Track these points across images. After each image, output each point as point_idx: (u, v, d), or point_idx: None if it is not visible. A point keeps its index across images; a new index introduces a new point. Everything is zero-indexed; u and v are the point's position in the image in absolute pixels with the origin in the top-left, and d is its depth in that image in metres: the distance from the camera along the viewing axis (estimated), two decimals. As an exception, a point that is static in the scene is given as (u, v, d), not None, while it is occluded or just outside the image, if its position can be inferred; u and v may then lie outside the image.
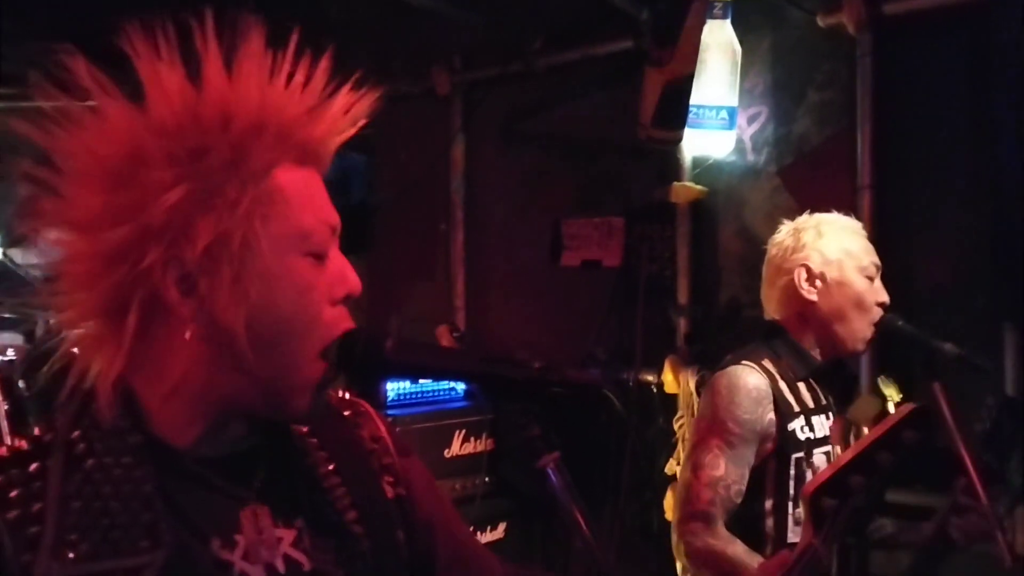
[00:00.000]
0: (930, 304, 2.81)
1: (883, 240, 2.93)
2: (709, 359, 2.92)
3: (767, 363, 2.02)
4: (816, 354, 2.06)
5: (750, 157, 3.31)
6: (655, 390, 3.32)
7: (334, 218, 0.97)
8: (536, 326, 3.91)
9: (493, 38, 3.87)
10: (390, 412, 3.23)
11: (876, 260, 2.07)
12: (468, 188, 4.16)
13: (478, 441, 3.44)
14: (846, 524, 1.32)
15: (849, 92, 3.02)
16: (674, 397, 3.22)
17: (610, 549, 2.72)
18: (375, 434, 1.09)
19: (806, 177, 3.18)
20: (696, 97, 3.05)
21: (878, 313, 2.03)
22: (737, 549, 1.88)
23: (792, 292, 2.04)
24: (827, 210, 2.18)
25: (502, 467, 3.47)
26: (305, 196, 0.93)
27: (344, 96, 0.97)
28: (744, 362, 2.02)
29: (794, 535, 1.95)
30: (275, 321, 0.89)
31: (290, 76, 0.95)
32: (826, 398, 2.08)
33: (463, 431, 3.40)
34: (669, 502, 2.87)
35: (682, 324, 3.39)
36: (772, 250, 2.13)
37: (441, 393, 3.49)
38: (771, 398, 1.96)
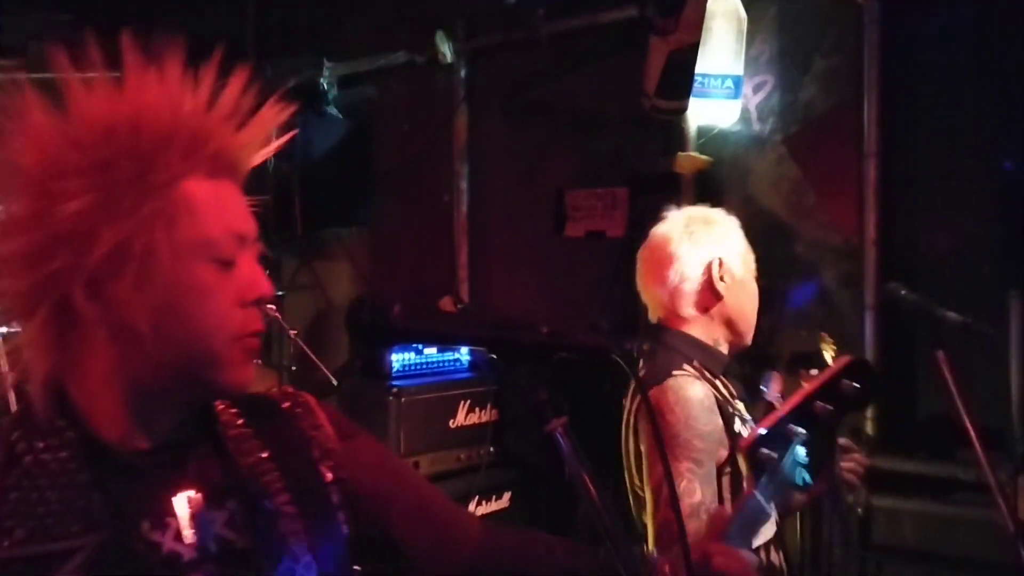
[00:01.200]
0: (935, 272, 2.81)
1: (888, 209, 2.94)
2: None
3: (688, 367, 1.89)
4: (724, 350, 1.99)
5: (755, 126, 3.29)
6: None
7: (245, 227, 1.00)
8: (540, 297, 3.91)
9: (496, 6, 3.84)
10: (395, 383, 3.24)
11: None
12: (471, 158, 4.15)
13: (483, 411, 3.46)
14: (786, 475, 1.32)
15: (856, 60, 3.00)
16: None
17: (617, 516, 2.73)
18: (314, 423, 1.12)
19: (812, 146, 3.17)
20: (701, 66, 3.02)
21: None
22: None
23: (701, 285, 1.94)
24: (833, 179, 2.16)
25: (507, 437, 3.48)
26: (213, 206, 0.96)
27: (263, 111, 1.02)
28: (675, 372, 1.87)
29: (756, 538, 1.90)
30: (180, 322, 0.94)
31: (212, 90, 0.99)
32: (736, 388, 2.02)
33: (467, 402, 3.41)
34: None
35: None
36: (656, 244, 2.03)
37: (446, 364, 3.50)
38: (715, 403, 1.86)
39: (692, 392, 1.83)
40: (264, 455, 1.04)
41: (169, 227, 0.92)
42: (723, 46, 3.11)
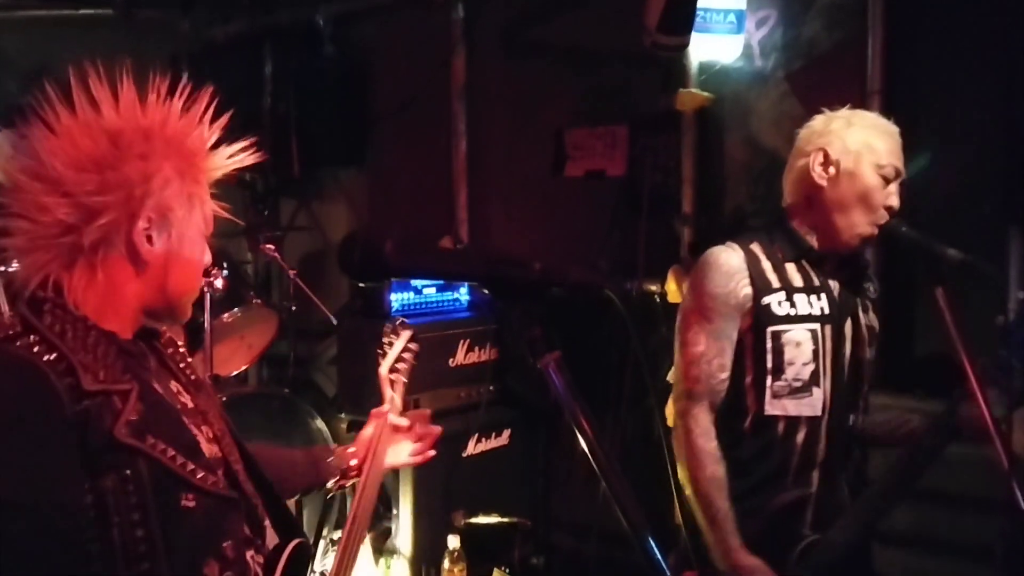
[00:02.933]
0: (937, 210, 2.79)
1: (891, 146, 2.91)
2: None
3: (755, 245, 2.07)
4: (813, 240, 2.06)
5: (758, 62, 3.25)
6: (658, 300, 3.33)
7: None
8: (539, 237, 3.90)
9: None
10: (394, 323, 3.25)
11: (899, 165, 2.04)
12: (469, 98, 4.09)
13: (482, 351, 3.48)
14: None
15: (860, -5, 2.94)
16: (677, 307, 3.22)
17: (611, 451, 2.76)
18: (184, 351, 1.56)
19: (815, 82, 3.12)
20: (703, 0, 2.97)
21: (883, 216, 2.01)
22: (717, 471, 1.97)
23: (805, 175, 2.04)
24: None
25: (507, 376, 3.51)
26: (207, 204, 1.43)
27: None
28: (728, 243, 2.08)
29: (772, 407, 2.00)
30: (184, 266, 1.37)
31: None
32: (824, 282, 2.07)
33: (467, 341, 3.43)
34: (671, 409, 2.90)
35: (686, 233, 3.37)
36: (801, 132, 2.12)
37: (445, 304, 3.51)
38: (745, 273, 2.01)
39: (716, 258, 2.04)
40: (182, 364, 1.47)
41: (200, 208, 1.36)
42: (726, -21, 3.05)
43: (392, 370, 1.94)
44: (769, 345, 2.00)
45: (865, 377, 2.12)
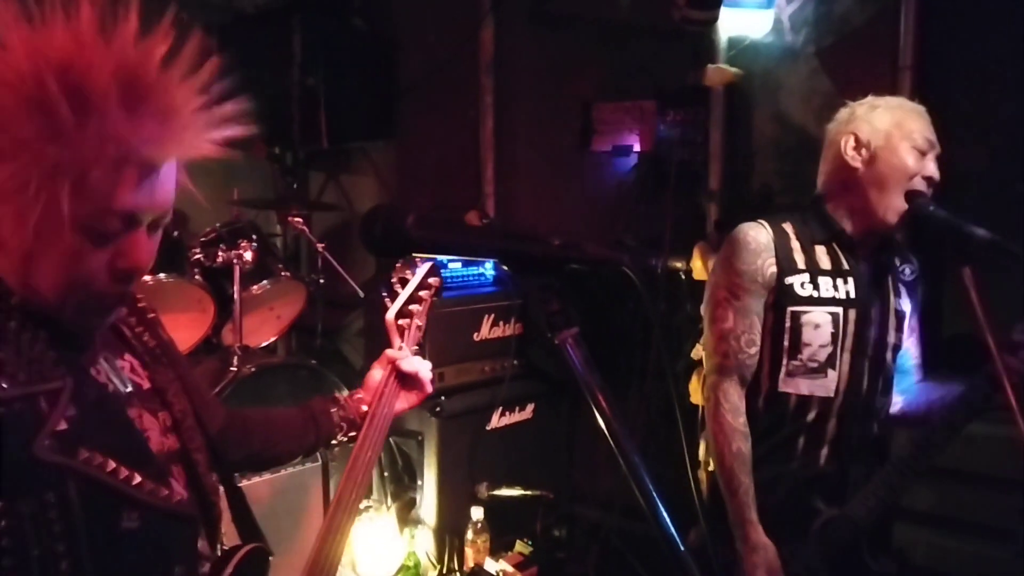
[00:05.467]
0: (967, 189, 2.76)
1: (921, 123, 2.87)
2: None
3: (786, 225, 2.08)
4: (847, 224, 2.07)
5: (788, 37, 3.21)
6: (683, 276, 3.32)
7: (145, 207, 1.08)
8: (565, 212, 3.90)
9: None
10: (420, 296, 3.27)
11: (931, 136, 2.03)
12: (497, 72, 4.09)
13: (507, 325, 3.49)
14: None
15: (893, -31, 2.89)
16: (702, 284, 3.20)
17: (636, 433, 2.78)
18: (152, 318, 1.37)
19: (846, 58, 3.09)
20: (733, -27, 2.94)
21: (923, 186, 2.01)
22: (743, 447, 2.00)
23: (838, 160, 2.05)
24: (866, 93, 2.13)
25: (531, 351, 3.53)
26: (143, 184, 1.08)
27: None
28: (758, 220, 2.09)
29: (784, 385, 2.03)
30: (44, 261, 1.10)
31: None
32: (855, 265, 2.07)
33: (492, 315, 3.44)
34: (694, 386, 2.91)
35: (712, 210, 3.36)
36: (829, 126, 2.14)
37: (470, 279, 3.52)
38: (772, 251, 2.03)
39: (744, 235, 2.05)
40: (139, 329, 1.29)
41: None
42: (757, -48, 3.01)
43: (402, 314, 1.71)
44: (788, 325, 2.01)
45: (890, 360, 2.11)
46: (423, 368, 1.64)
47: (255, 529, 1.42)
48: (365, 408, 1.62)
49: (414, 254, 1.52)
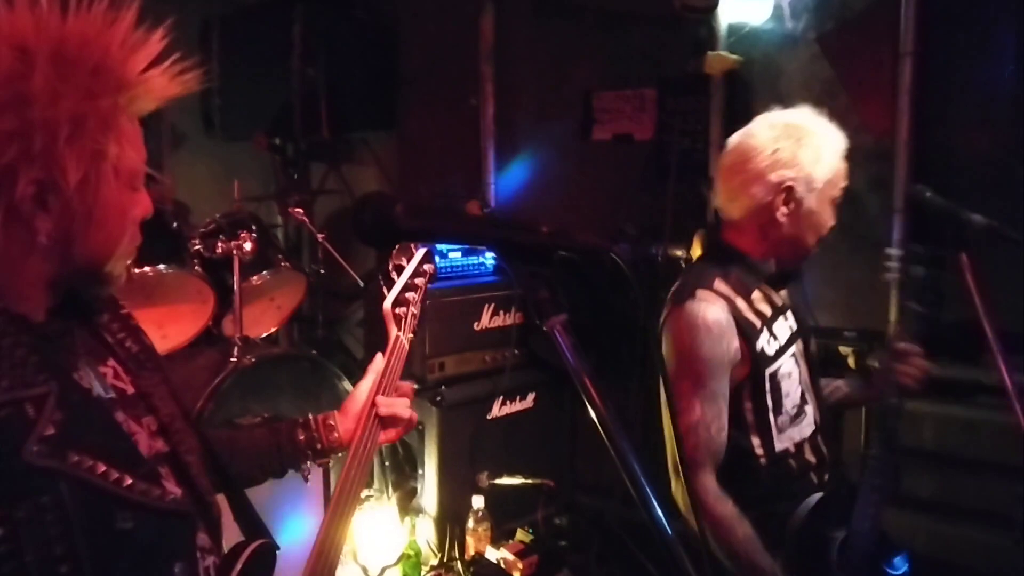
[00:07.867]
0: (968, 175, 2.75)
1: (923, 109, 2.86)
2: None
3: (719, 284, 1.93)
4: (770, 263, 2.02)
5: (788, 24, 3.19)
6: (684, 264, 3.32)
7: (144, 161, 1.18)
8: (566, 200, 3.89)
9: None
10: (420, 286, 3.27)
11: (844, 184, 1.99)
12: (498, 61, 4.08)
13: (507, 315, 3.49)
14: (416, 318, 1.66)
15: (894, -47, 2.87)
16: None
17: (635, 423, 2.77)
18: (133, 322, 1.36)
19: (847, 45, 3.07)
20: (733, -40, 2.93)
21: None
22: (747, 530, 1.86)
23: (764, 209, 1.94)
24: (867, 79, 2.09)
25: (532, 340, 3.53)
26: (138, 141, 1.15)
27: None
28: (698, 291, 1.92)
29: (780, 443, 1.96)
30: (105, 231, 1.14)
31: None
32: (778, 296, 2.05)
33: (492, 305, 3.44)
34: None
35: (713, 198, 3.35)
36: (748, 143, 1.96)
37: (470, 268, 3.52)
38: (733, 327, 1.89)
39: (703, 317, 1.88)
40: (121, 335, 1.28)
41: (118, 152, 1.09)
42: (756, -61, 3.00)
43: (399, 302, 1.67)
44: (768, 387, 1.94)
45: (816, 367, 2.11)
46: (401, 409, 1.56)
47: (259, 525, 1.40)
48: (336, 435, 1.54)
49: (406, 242, 1.49)
